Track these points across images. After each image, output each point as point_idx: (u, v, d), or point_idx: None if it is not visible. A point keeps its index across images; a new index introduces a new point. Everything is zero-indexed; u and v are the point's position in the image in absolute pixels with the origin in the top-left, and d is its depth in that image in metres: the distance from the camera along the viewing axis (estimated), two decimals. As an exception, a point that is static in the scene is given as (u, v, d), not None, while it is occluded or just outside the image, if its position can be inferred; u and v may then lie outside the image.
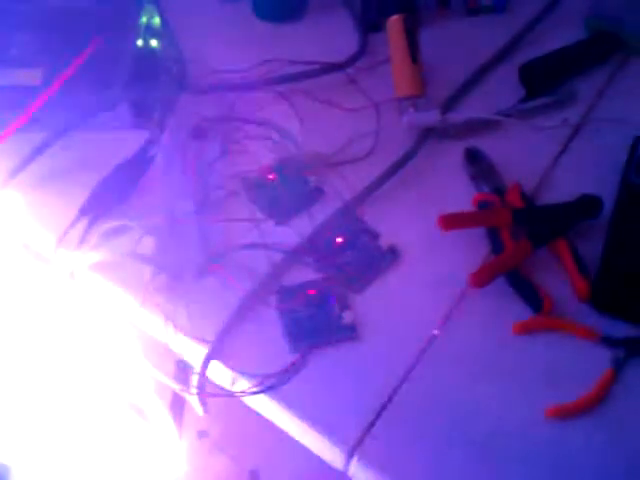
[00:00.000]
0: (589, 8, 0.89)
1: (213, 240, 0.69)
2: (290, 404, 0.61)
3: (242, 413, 0.69)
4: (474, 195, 0.72)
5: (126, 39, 0.81)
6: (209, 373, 0.64)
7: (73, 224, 0.71)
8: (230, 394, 0.63)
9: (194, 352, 0.64)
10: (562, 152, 0.78)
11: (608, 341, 0.64)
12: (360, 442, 0.59)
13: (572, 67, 0.85)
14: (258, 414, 0.64)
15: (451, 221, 0.69)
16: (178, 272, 0.66)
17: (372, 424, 0.60)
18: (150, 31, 0.85)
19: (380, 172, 0.74)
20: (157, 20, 0.87)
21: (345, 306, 0.66)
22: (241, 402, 0.63)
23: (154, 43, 0.84)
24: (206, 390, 0.64)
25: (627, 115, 0.80)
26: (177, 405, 1.07)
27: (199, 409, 0.67)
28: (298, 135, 0.77)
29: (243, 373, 0.62)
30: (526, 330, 0.65)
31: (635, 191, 0.71)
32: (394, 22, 0.79)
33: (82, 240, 0.70)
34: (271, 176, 0.75)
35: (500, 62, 0.86)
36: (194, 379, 0.63)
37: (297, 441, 0.63)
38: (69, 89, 0.76)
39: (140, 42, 0.83)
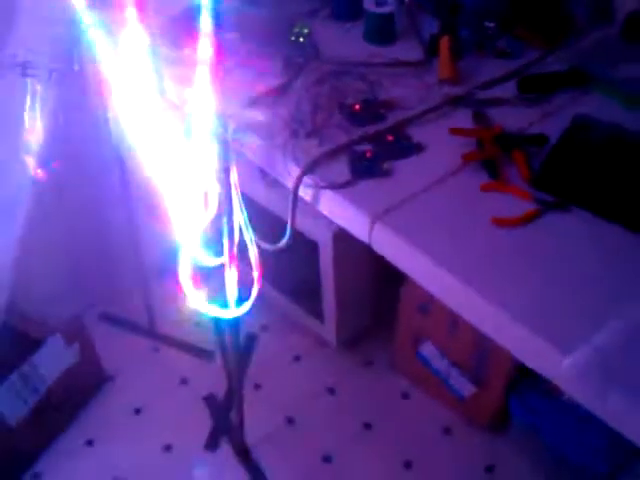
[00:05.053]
0: None
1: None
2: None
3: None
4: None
5: (285, 34, 1.40)
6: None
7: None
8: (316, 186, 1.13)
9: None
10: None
11: (538, 200, 1.11)
12: (385, 213, 1.07)
13: None
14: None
15: (457, 130, 1.20)
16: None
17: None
18: (301, 34, 1.43)
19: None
20: (306, 30, 1.45)
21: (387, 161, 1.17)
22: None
23: (301, 39, 1.42)
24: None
25: None
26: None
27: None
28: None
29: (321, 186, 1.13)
30: (488, 188, 1.13)
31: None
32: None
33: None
34: (357, 107, 1.28)
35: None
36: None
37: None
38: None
39: (293, 37, 1.41)
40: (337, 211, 1.14)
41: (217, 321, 1.80)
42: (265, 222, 1.34)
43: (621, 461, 1.69)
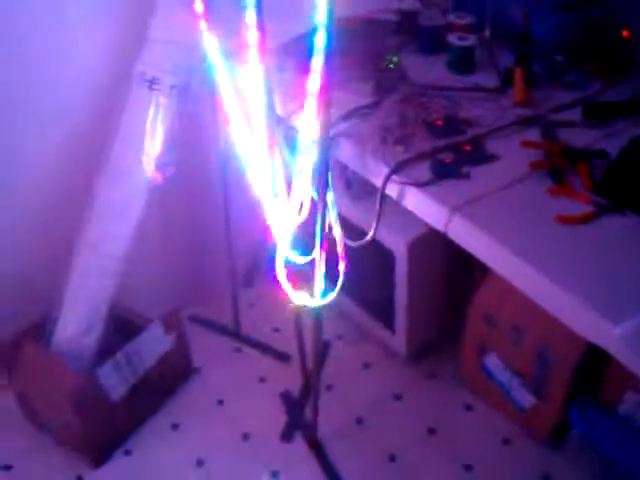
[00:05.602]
0: None
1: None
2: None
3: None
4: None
5: (379, 60, 1.61)
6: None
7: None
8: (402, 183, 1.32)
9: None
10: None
11: (596, 204, 1.26)
12: (463, 207, 1.25)
13: None
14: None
15: (528, 143, 1.37)
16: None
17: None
18: (391, 62, 1.64)
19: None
20: (395, 59, 1.66)
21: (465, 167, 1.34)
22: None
23: (391, 66, 1.63)
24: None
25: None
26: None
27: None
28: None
29: (407, 183, 1.32)
30: (554, 191, 1.29)
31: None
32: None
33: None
34: (439, 122, 1.47)
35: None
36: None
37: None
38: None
39: (384, 64, 1.62)
40: (419, 205, 1.32)
41: (298, 322, 1.99)
42: (346, 231, 1.52)
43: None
